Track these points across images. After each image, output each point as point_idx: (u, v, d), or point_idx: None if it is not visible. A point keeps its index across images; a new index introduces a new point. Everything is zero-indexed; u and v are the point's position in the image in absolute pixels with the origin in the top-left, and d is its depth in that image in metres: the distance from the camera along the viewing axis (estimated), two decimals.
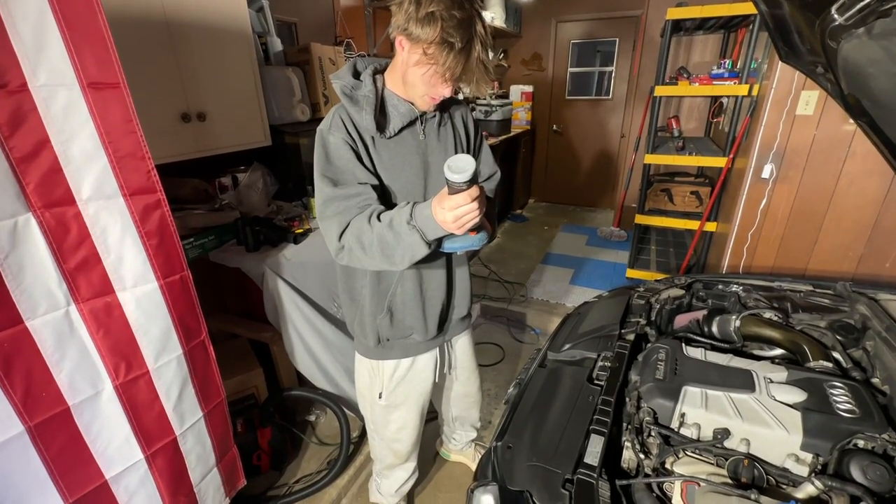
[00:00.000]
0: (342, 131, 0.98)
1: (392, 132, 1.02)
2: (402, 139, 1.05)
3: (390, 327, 1.16)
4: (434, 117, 1.08)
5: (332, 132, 0.98)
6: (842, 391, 0.90)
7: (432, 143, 1.09)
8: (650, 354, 1.08)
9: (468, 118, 1.20)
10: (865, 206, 1.97)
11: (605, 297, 1.55)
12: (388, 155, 1.04)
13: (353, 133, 0.99)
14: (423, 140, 1.08)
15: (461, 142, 1.17)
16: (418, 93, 0.98)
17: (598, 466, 0.81)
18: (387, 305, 1.13)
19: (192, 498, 1.12)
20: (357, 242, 0.95)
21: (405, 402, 1.30)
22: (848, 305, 1.27)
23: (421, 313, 1.16)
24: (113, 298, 0.88)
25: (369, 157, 1.02)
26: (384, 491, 1.51)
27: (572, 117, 4.91)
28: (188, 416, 1.06)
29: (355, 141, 0.99)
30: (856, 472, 0.77)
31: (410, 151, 1.06)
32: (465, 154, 1.03)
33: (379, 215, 0.94)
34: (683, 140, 3.10)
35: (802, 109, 1.96)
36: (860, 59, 0.94)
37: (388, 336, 1.18)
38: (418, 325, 1.18)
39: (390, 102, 1.02)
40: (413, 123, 1.05)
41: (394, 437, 1.36)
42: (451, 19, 0.86)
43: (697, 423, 0.89)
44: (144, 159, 0.87)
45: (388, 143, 1.04)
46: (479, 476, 0.96)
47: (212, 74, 1.64)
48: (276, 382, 1.89)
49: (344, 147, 0.98)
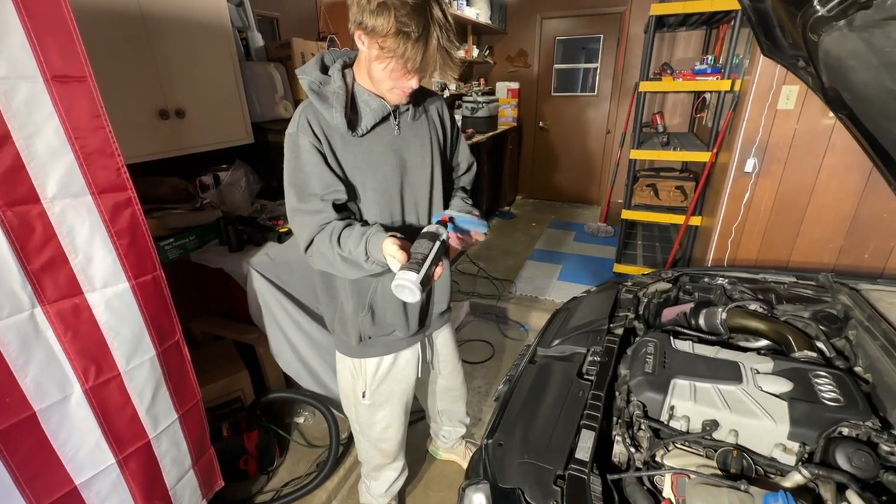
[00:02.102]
0: (308, 134, 0.94)
1: (364, 129, 0.98)
2: (375, 136, 1.01)
3: (372, 325, 1.14)
4: (408, 111, 1.05)
5: (299, 134, 0.95)
6: (826, 380, 0.91)
7: (408, 137, 1.06)
8: (639, 348, 1.08)
9: (444, 111, 1.17)
10: (845, 199, 2.01)
11: (593, 292, 1.55)
12: (362, 153, 1.00)
13: (320, 134, 0.95)
14: (398, 136, 1.04)
15: (437, 135, 1.13)
16: (385, 87, 0.94)
17: (589, 461, 0.80)
18: (367, 303, 1.12)
19: (167, 501, 1.09)
20: (322, 259, 0.99)
21: (389, 399, 1.28)
22: (830, 296, 1.29)
23: (402, 310, 1.14)
24: (81, 300, 0.84)
25: (336, 158, 0.98)
26: (374, 492, 1.49)
27: (558, 114, 4.93)
28: (162, 419, 1.04)
29: (322, 143, 0.95)
30: (841, 460, 0.77)
31: (385, 148, 1.02)
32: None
33: (339, 237, 0.95)
34: (668, 135, 3.13)
35: (783, 104, 1.99)
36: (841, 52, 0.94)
37: (369, 334, 1.16)
38: (400, 321, 1.16)
39: (361, 98, 0.98)
40: (386, 119, 1.01)
41: (380, 436, 1.34)
42: (404, 7, 0.82)
43: (687, 416, 0.90)
44: (114, 156, 0.84)
45: (361, 141, 0.99)
46: (471, 474, 0.95)
47: (190, 70, 1.59)
48: (263, 384, 1.85)
49: (311, 151, 0.94)
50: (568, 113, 4.88)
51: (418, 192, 1.11)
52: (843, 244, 2.08)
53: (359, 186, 1.03)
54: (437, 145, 1.13)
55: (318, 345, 1.66)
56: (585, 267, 3.44)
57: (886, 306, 1.15)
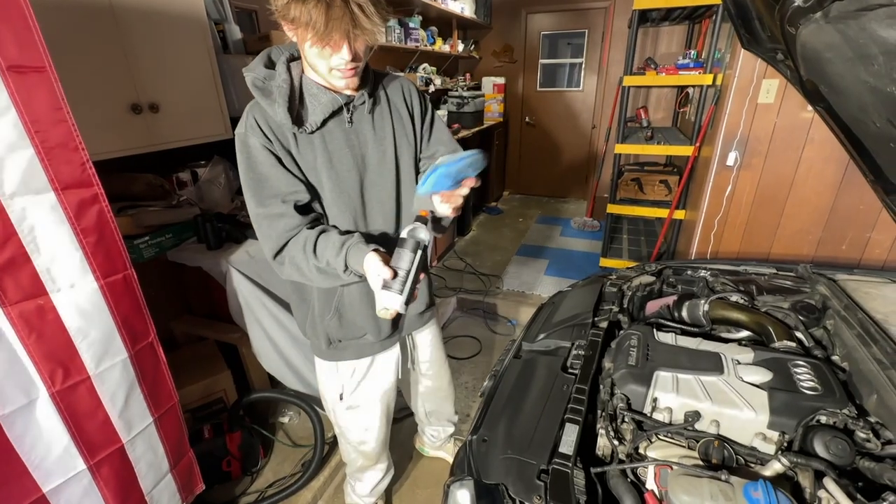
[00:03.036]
0: (257, 134, 0.88)
1: (314, 126, 0.91)
2: (328, 133, 0.94)
3: (340, 328, 1.10)
4: (363, 103, 0.96)
5: (248, 135, 0.89)
6: (805, 369, 0.92)
7: (365, 132, 0.98)
8: (623, 341, 1.08)
9: (412, 95, 1.06)
10: (824, 191, 2.05)
11: (577, 286, 1.55)
12: (315, 152, 0.93)
13: (269, 134, 0.89)
14: (350, 128, 0.96)
15: (402, 127, 1.03)
16: (324, 71, 0.86)
17: (572, 455, 0.80)
18: (335, 306, 1.07)
19: None
20: (294, 269, 0.93)
21: (366, 402, 1.24)
22: (809, 286, 1.31)
23: (371, 313, 1.07)
24: (46, 301, 0.81)
25: (291, 157, 0.92)
26: (359, 492, 1.47)
27: (544, 109, 4.94)
28: (136, 423, 1.00)
29: (273, 142, 0.89)
30: (819, 448, 0.79)
31: (339, 146, 0.95)
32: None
33: (315, 246, 0.90)
34: (652, 130, 3.15)
35: (764, 98, 2.02)
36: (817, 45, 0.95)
37: (339, 337, 1.11)
38: (369, 325, 1.10)
39: (309, 92, 0.91)
40: (338, 113, 0.94)
41: (360, 439, 1.30)
42: None
43: (669, 407, 0.90)
44: (78, 150, 0.80)
45: (312, 138, 0.92)
46: (455, 471, 0.94)
47: (163, 63, 1.54)
48: (247, 385, 1.82)
49: (262, 152, 0.89)
50: (554, 108, 4.89)
51: (383, 192, 1.03)
52: (821, 236, 2.12)
53: (317, 187, 0.96)
54: (405, 138, 1.04)
55: (301, 343, 1.64)
56: (572, 261, 3.46)
57: (862, 296, 1.18)
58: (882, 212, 1.99)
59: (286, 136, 0.91)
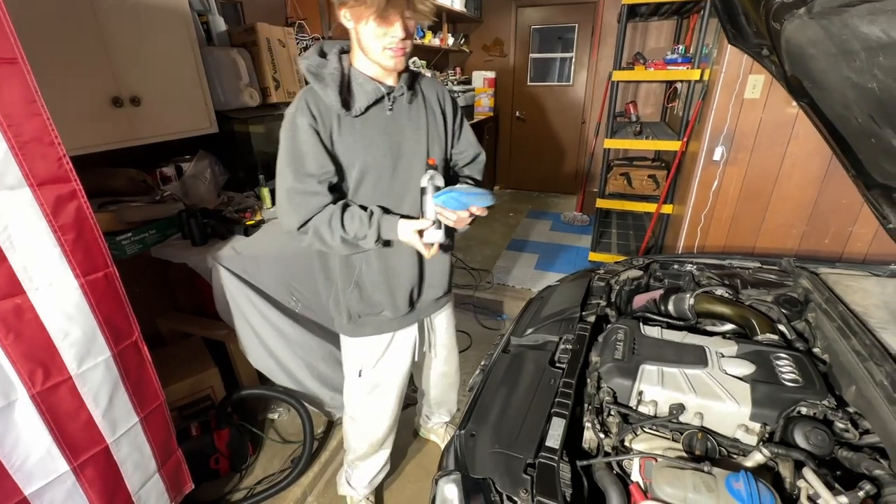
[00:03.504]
0: (306, 115, 0.99)
1: (359, 110, 1.02)
2: (368, 119, 1.04)
3: (360, 301, 1.17)
4: (402, 94, 1.07)
5: (297, 115, 0.99)
6: (787, 362, 0.93)
7: (401, 121, 1.08)
8: (609, 335, 1.09)
9: (445, 98, 1.18)
10: (807, 186, 2.08)
11: (566, 280, 1.56)
12: (355, 135, 1.03)
13: (317, 115, 1.00)
14: (389, 116, 1.06)
15: (435, 121, 1.14)
16: (377, 51, 0.96)
17: (559, 449, 0.81)
18: (354, 280, 1.15)
19: None
20: (317, 238, 1.04)
21: (383, 382, 1.30)
22: (792, 280, 1.33)
23: (388, 289, 1.17)
24: (23, 300, 0.78)
25: (331, 139, 1.02)
26: (355, 483, 1.49)
27: (535, 104, 4.93)
28: (121, 423, 0.99)
29: (319, 123, 1.00)
30: (799, 438, 0.80)
31: (378, 132, 1.05)
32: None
33: (342, 221, 1.02)
34: (641, 125, 3.17)
35: (750, 93, 2.03)
36: (802, 40, 0.96)
37: (358, 312, 1.19)
38: (387, 301, 1.18)
39: (356, 81, 1.02)
40: (380, 102, 1.04)
41: (369, 422, 1.36)
42: None
43: (654, 400, 0.91)
44: (53, 145, 0.78)
45: (355, 122, 1.03)
46: (443, 465, 0.94)
47: (145, 55, 1.50)
48: (235, 381, 1.80)
49: (308, 131, 0.99)
50: (544, 103, 4.88)
51: (412, 179, 1.11)
52: (805, 230, 2.15)
53: (351, 168, 1.05)
54: (436, 133, 1.14)
55: (289, 340, 1.62)
56: (562, 256, 3.48)
57: (843, 289, 1.20)
58: (863, 206, 2.03)
59: (331, 119, 1.01)
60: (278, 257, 1.62)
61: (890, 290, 1.18)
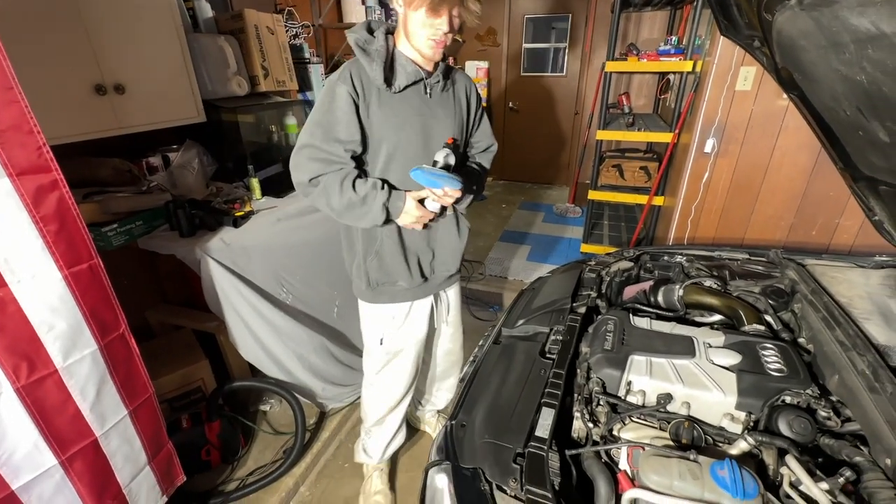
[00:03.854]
0: (348, 84, 1.05)
1: (398, 88, 1.09)
2: (405, 98, 1.12)
3: (378, 269, 1.26)
4: (438, 82, 1.15)
5: (339, 83, 1.05)
6: (772, 352, 0.95)
7: (434, 107, 1.17)
8: (599, 326, 1.10)
9: (471, 90, 1.28)
10: (796, 178, 2.10)
11: (557, 271, 1.57)
12: (391, 111, 1.11)
13: (358, 87, 1.06)
14: (428, 99, 1.15)
15: (461, 111, 1.23)
16: (422, 39, 1.03)
17: (548, 439, 0.81)
18: (375, 250, 1.24)
19: (120, 499, 1.04)
20: (324, 196, 1.11)
21: (404, 348, 1.39)
22: (779, 271, 1.34)
23: (404, 261, 1.25)
24: (6, 292, 0.77)
25: (368, 111, 1.09)
26: (371, 450, 1.57)
27: (528, 94, 4.91)
28: (110, 416, 0.98)
29: (359, 94, 1.07)
30: (783, 427, 0.82)
31: (412, 112, 1.13)
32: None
33: (354, 183, 1.09)
34: (633, 116, 3.16)
35: (741, 85, 2.04)
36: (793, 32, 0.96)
37: (377, 280, 1.27)
38: (403, 272, 1.26)
39: (399, 61, 1.09)
40: (417, 83, 1.12)
41: (387, 388, 1.45)
42: None
43: (643, 390, 0.92)
44: (32, 133, 0.75)
45: (393, 99, 1.11)
46: (434, 455, 0.95)
47: (128, 41, 1.46)
48: (226, 373, 1.80)
49: (347, 99, 1.05)
50: (537, 93, 4.86)
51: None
52: (793, 221, 2.18)
53: (382, 142, 1.12)
54: (460, 121, 1.23)
55: (280, 331, 1.62)
56: (554, 247, 3.49)
57: (829, 280, 1.22)
58: (850, 198, 2.06)
59: (372, 93, 1.08)
60: (268, 248, 1.60)
61: (874, 281, 1.21)
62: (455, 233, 1.32)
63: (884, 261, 1.29)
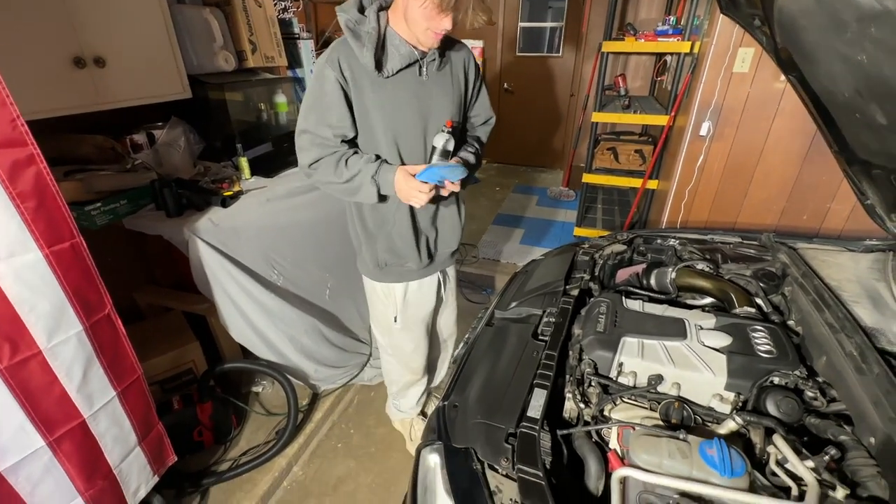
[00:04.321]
0: (336, 69, 1.01)
1: (390, 72, 1.04)
2: (400, 81, 1.07)
3: (388, 251, 1.27)
4: (434, 61, 1.10)
5: (327, 67, 1.02)
6: (762, 334, 0.96)
7: (431, 87, 1.12)
8: (592, 308, 1.10)
9: (469, 63, 1.22)
10: (790, 162, 2.10)
11: (550, 254, 1.56)
12: (385, 96, 1.07)
13: (347, 72, 1.02)
14: (424, 80, 1.10)
15: (459, 88, 1.18)
16: (420, 28, 0.98)
17: (539, 419, 0.82)
18: (387, 232, 1.24)
19: (111, 480, 1.04)
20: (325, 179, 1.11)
21: (416, 322, 1.44)
22: (770, 255, 1.35)
23: (414, 244, 1.26)
24: None
25: (361, 98, 1.05)
26: (404, 407, 1.69)
27: (523, 75, 4.82)
28: (98, 397, 0.97)
29: (348, 80, 1.03)
30: (770, 407, 0.83)
31: (408, 94, 1.09)
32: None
33: (347, 161, 1.08)
34: (629, 99, 3.13)
35: (739, 67, 2.01)
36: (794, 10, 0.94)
37: (386, 261, 1.28)
38: (412, 254, 1.28)
39: (391, 42, 1.03)
40: (412, 65, 1.07)
41: (410, 357, 1.51)
42: None
43: (634, 371, 0.93)
44: (6, 105, 0.72)
45: (386, 83, 1.06)
46: (426, 436, 0.95)
47: (109, 12, 1.40)
48: (218, 355, 1.79)
49: (334, 85, 1.02)
50: (533, 74, 4.78)
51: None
52: (785, 206, 2.19)
53: (373, 126, 1.09)
54: (459, 98, 1.19)
55: (271, 313, 1.60)
56: (547, 230, 3.49)
57: (819, 263, 1.22)
58: (842, 183, 2.07)
59: (362, 77, 1.04)
60: (258, 229, 1.57)
61: (863, 265, 1.22)
62: (456, 211, 1.35)
63: (873, 245, 1.30)
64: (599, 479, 0.79)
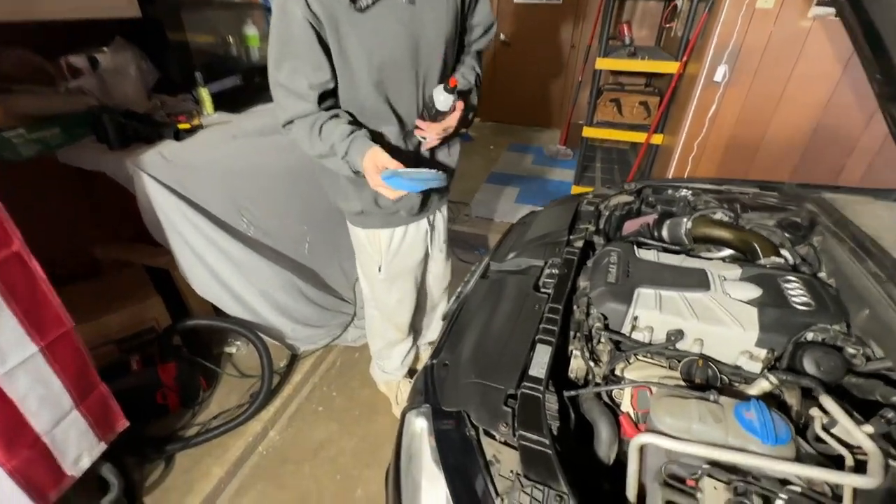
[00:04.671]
0: (301, 4, 0.84)
1: (368, 2, 0.88)
2: (381, 9, 0.90)
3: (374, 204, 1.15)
4: None
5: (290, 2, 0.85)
6: (796, 285, 0.84)
7: (421, 12, 0.95)
8: (601, 258, 0.97)
9: None
10: (809, 112, 1.95)
11: (552, 204, 1.43)
12: (366, 30, 0.91)
13: (317, 8, 0.85)
14: (410, 9, 0.93)
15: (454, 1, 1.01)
16: None
17: (544, 378, 0.70)
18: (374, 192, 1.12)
19: (40, 448, 0.90)
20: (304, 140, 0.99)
21: (401, 273, 1.34)
22: (795, 204, 1.22)
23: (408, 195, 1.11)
24: None
25: (337, 34, 0.89)
26: (388, 368, 1.59)
27: (521, 26, 4.50)
28: (12, 353, 0.81)
29: (319, 19, 0.86)
30: (809, 365, 0.72)
31: (394, 24, 0.93)
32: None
33: (321, 129, 0.95)
34: (635, 48, 2.90)
35: (762, 2, 1.82)
36: None
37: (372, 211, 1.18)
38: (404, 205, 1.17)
39: None
40: None
41: (394, 310, 1.42)
42: None
43: (651, 326, 0.81)
44: None
45: (364, 17, 0.89)
46: (413, 398, 0.83)
47: None
48: (186, 313, 1.63)
49: (304, 26, 0.86)
50: (532, 25, 4.46)
51: (428, 71, 1.03)
52: (798, 160, 2.06)
53: (363, 65, 0.94)
54: (454, 15, 1.02)
55: (241, 266, 1.44)
56: (544, 189, 3.34)
57: (852, 212, 1.10)
58: (860, 139, 1.93)
59: (338, 9, 0.87)
60: (224, 171, 1.39)
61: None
62: (447, 151, 1.25)
63: None
64: (611, 445, 0.69)
